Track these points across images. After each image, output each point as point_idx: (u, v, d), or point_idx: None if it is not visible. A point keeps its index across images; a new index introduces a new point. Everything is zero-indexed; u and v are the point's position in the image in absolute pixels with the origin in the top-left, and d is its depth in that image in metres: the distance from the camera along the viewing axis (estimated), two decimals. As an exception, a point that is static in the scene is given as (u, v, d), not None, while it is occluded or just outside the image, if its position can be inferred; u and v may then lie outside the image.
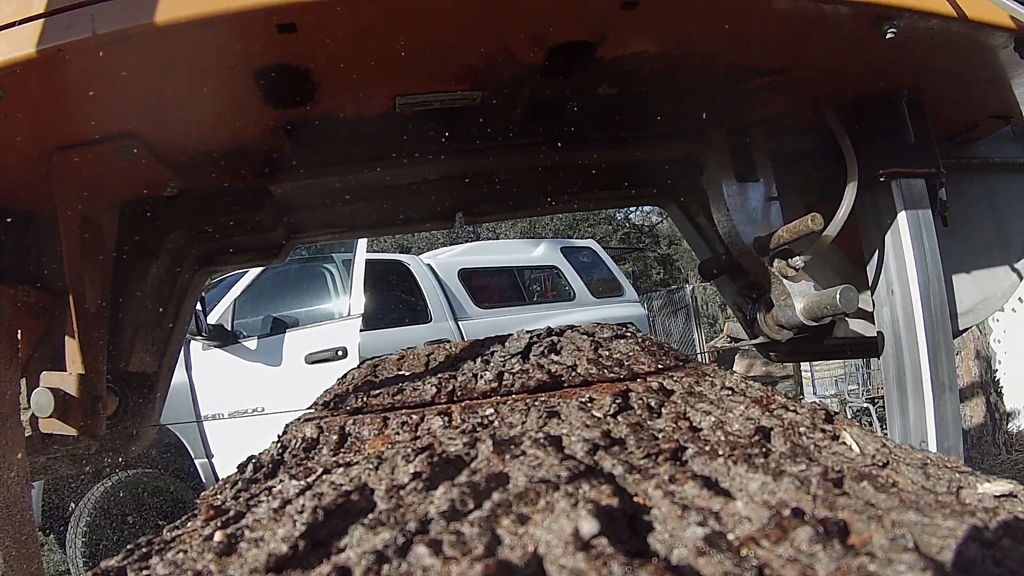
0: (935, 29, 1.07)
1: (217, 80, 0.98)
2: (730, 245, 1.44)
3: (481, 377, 0.94)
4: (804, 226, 1.23)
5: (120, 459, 1.48)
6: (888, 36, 1.03)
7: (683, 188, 1.73)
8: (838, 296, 1.23)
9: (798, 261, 1.34)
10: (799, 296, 1.34)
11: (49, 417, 1.11)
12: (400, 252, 7.48)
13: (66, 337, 1.17)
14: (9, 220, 1.21)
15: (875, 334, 1.40)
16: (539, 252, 6.81)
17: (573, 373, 0.93)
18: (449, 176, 1.49)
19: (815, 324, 1.34)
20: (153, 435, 1.52)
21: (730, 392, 0.86)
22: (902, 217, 1.32)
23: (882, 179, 1.33)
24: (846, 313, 1.25)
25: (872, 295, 1.41)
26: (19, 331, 1.23)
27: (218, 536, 0.52)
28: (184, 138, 1.16)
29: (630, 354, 1.01)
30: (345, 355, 4.39)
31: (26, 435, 1.22)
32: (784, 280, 1.35)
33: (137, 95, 0.98)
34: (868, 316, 1.45)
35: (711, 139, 1.41)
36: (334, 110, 1.14)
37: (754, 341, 1.58)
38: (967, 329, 1.65)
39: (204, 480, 4.29)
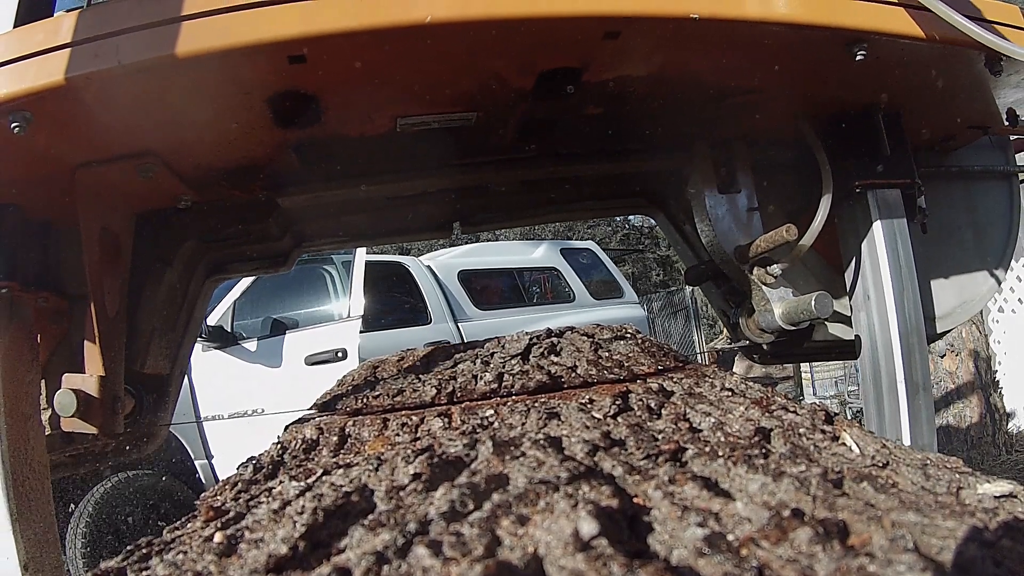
0: (905, 49, 1.12)
1: (232, 104, 1.05)
2: (713, 253, 1.49)
3: (481, 378, 0.94)
4: (780, 236, 1.29)
5: (135, 456, 1.55)
6: (858, 58, 1.08)
7: (670, 198, 1.79)
8: (813, 302, 1.28)
9: (776, 269, 1.39)
10: (777, 302, 1.40)
11: (71, 416, 1.16)
12: (400, 254, 7.48)
13: (86, 341, 1.21)
14: (30, 229, 1.27)
15: (853, 337, 1.45)
16: (539, 254, 6.81)
17: (573, 374, 0.93)
18: (447, 189, 1.56)
19: (793, 328, 1.40)
20: (166, 433, 1.58)
21: (730, 393, 0.86)
22: (877, 226, 1.36)
23: (858, 190, 1.38)
24: (821, 318, 1.31)
25: (850, 300, 1.46)
26: (39, 335, 1.29)
27: (218, 537, 0.52)
28: (199, 155, 1.23)
29: (630, 355, 1.01)
30: (345, 357, 4.39)
31: (46, 434, 1.27)
32: (763, 287, 1.41)
33: (157, 117, 1.05)
34: (846, 320, 1.50)
35: (694, 152, 1.46)
36: (339, 130, 1.21)
37: (738, 344, 1.64)
38: (947, 332, 1.69)
39: (204, 481, 4.29)
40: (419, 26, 0.89)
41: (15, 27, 1.07)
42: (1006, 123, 1.50)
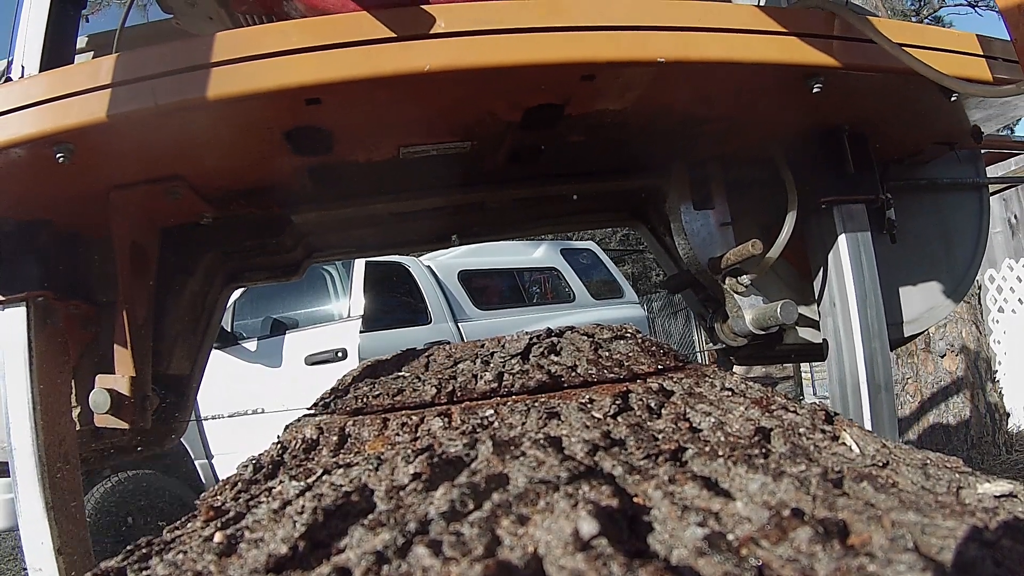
0: (861, 78, 1.22)
1: (253, 137, 1.18)
2: (688, 264, 1.61)
3: (481, 378, 0.94)
4: (746, 250, 1.42)
5: (159, 450, 1.68)
6: (815, 90, 1.19)
7: (650, 212, 1.92)
8: (779, 310, 1.42)
9: (745, 279, 1.52)
10: (748, 309, 1.53)
11: (105, 413, 1.27)
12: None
13: (117, 345, 1.32)
14: (61, 242, 1.37)
15: (821, 341, 1.57)
16: (539, 254, 6.80)
17: (573, 374, 0.93)
18: (446, 206, 1.69)
19: (763, 333, 1.52)
20: (186, 429, 1.72)
21: (730, 393, 0.86)
22: (842, 239, 1.47)
23: (823, 206, 1.48)
24: (786, 324, 1.44)
25: (818, 307, 1.58)
26: (69, 339, 1.39)
27: (218, 537, 0.52)
28: (221, 179, 1.36)
29: (630, 355, 1.01)
30: (345, 356, 4.38)
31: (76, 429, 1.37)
32: (735, 295, 1.53)
33: (185, 148, 1.17)
34: (815, 325, 1.62)
35: (672, 172, 1.59)
36: (348, 157, 1.34)
37: (715, 346, 1.76)
38: (916, 335, 1.79)
39: (204, 481, 4.29)
40: (419, 74, 1.02)
41: (41, 70, 1.21)
42: (972, 139, 1.61)
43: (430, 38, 1.02)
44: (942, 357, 4.78)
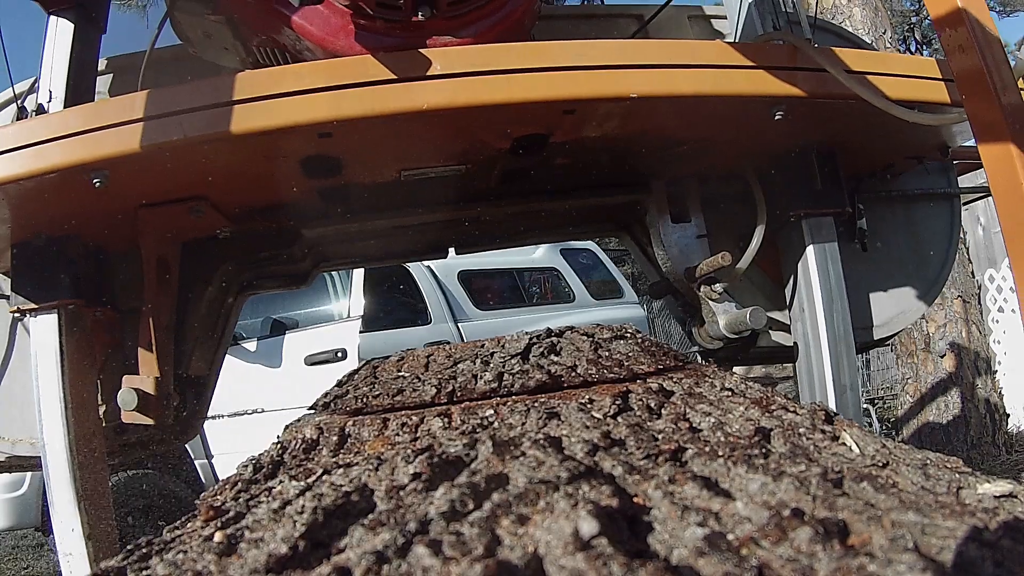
0: (824, 104, 1.32)
1: (271, 164, 1.31)
2: (667, 274, 1.73)
3: (481, 378, 0.94)
4: (717, 261, 1.54)
5: (178, 444, 1.82)
6: (777, 118, 1.29)
7: (633, 225, 2.04)
8: (748, 316, 1.53)
9: (718, 287, 1.64)
10: (721, 314, 1.64)
11: (132, 411, 1.39)
12: (400, 253, 7.45)
13: (142, 348, 1.45)
14: (89, 254, 1.49)
15: (792, 344, 1.68)
16: (539, 254, 6.77)
17: (573, 374, 0.93)
18: (443, 220, 1.81)
19: (736, 337, 1.63)
20: (202, 425, 1.87)
21: (730, 393, 0.86)
22: (810, 250, 1.58)
23: (792, 219, 1.60)
24: (756, 328, 1.56)
25: (789, 312, 1.69)
26: (95, 343, 1.50)
27: (218, 537, 0.52)
28: (240, 198, 1.49)
29: (630, 355, 1.01)
30: (345, 357, 4.38)
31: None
32: (710, 302, 1.65)
33: (209, 173, 1.27)
34: (787, 329, 1.73)
35: (651, 188, 1.71)
36: (355, 179, 1.47)
37: (695, 349, 1.87)
38: (888, 338, 1.90)
39: (204, 481, 4.28)
40: (418, 111, 1.14)
41: (66, 93, 1.34)
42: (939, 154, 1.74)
43: (428, 79, 1.14)
44: (942, 357, 4.78)
